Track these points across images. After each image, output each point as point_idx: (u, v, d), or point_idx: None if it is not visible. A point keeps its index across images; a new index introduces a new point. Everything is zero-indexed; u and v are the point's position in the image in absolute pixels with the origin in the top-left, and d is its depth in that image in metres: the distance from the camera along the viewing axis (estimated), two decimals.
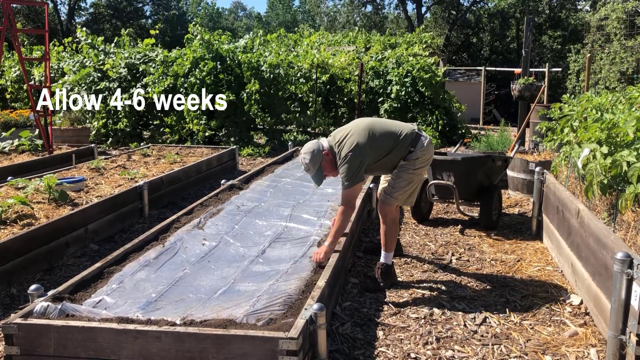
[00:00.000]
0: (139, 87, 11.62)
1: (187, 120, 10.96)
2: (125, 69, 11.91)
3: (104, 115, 11.88)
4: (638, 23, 15.97)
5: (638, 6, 16.14)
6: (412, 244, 4.87)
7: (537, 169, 5.08)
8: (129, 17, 38.40)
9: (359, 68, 11.89)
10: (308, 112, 12.76)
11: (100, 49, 12.61)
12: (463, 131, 12.57)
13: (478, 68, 21.91)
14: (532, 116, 8.21)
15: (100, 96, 11.76)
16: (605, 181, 3.47)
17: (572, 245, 3.87)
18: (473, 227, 5.39)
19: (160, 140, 11.41)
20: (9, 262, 3.85)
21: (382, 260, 3.86)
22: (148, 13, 41.76)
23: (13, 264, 3.88)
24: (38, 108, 8.91)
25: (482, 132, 12.45)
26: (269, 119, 11.61)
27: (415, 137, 3.73)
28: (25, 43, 14.45)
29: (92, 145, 9.08)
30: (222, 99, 10.65)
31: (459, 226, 5.42)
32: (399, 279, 4.01)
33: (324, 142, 3.73)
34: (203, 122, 10.81)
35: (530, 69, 10.16)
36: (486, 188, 5.33)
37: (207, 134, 10.87)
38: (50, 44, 14.34)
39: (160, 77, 11.33)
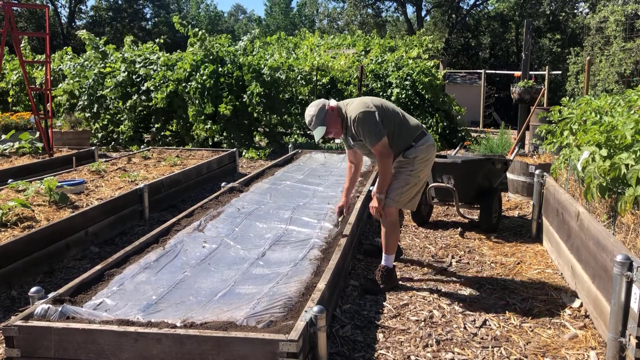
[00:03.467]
0: (140, 92, 11.64)
1: (194, 127, 10.97)
2: (126, 72, 11.93)
3: (104, 118, 11.90)
4: (637, 26, 16.00)
5: (637, 9, 16.17)
6: (412, 247, 4.88)
7: (537, 171, 5.09)
8: (129, 19, 38.47)
9: (359, 71, 11.91)
10: None
11: (101, 50, 12.61)
12: (463, 134, 12.59)
13: (478, 71, 21.95)
14: (532, 119, 8.22)
15: (101, 100, 11.80)
16: (605, 184, 3.47)
17: (572, 248, 3.87)
18: (473, 230, 5.40)
19: (161, 143, 11.43)
20: (10, 265, 3.85)
21: (382, 262, 3.86)
22: (148, 16, 41.86)
23: (13, 266, 3.88)
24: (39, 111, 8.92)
25: (482, 135, 12.45)
26: (270, 121, 11.63)
27: (420, 133, 3.74)
28: (27, 49, 14.44)
29: (93, 147, 9.10)
30: (226, 105, 10.66)
31: (459, 229, 5.43)
32: (399, 281, 4.01)
33: (332, 101, 3.75)
34: (205, 125, 10.82)
35: (530, 72, 10.17)
36: (486, 191, 5.34)
37: (208, 137, 10.88)
38: (58, 52, 14.38)
39: (162, 82, 11.35)
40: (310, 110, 3.66)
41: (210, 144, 10.99)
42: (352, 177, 4.11)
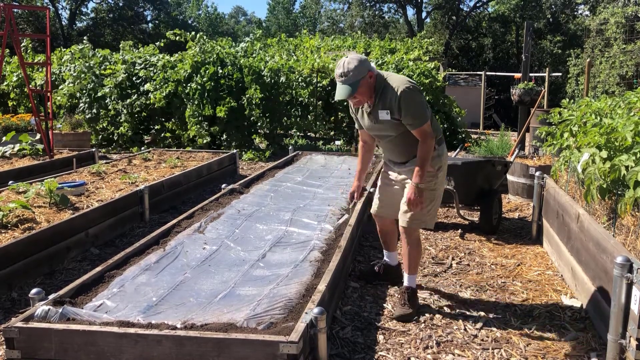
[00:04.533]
0: (140, 94, 11.66)
1: (190, 126, 10.98)
2: (126, 74, 11.95)
3: (105, 120, 11.91)
4: (638, 28, 16.02)
5: (638, 11, 16.19)
6: None
7: (537, 173, 5.09)
8: (130, 22, 38.53)
9: None
10: (309, 117, 12.78)
11: (100, 55, 12.65)
12: (463, 136, 12.59)
13: (478, 73, 21.97)
14: (532, 121, 8.23)
15: (101, 101, 11.81)
16: (605, 185, 3.48)
17: (572, 250, 3.87)
18: (473, 232, 5.40)
19: (161, 145, 11.44)
20: (10, 266, 3.85)
21: (406, 283, 3.57)
22: (149, 18, 41.92)
23: (14, 267, 3.89)
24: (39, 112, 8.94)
25: (483, 137, 12.47)
26: (270, 123, 11.63)
27: (441, 137, 3.44)
28: (29, 50, 14.45)
29: (93, 149, 9.10)
30: (222, 107, 10.68)
31: (459, 230, 5.43)
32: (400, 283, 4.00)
33: (373, 64, 3.37)
34: (204, 127, 10.83)
35: (530, 74, 10.19)
36: (486, 192, 5.34)
37: (208, 139, 10.89)
38: (56, 50, 14.39)
39: (162, 83, 11.37)
40: (350, 64, 3.14)
41: (209, 143, 10.99)
42: (364, 157, 3.72)
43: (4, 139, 9.70)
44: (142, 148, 11.08)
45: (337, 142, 11.30)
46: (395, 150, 3.45)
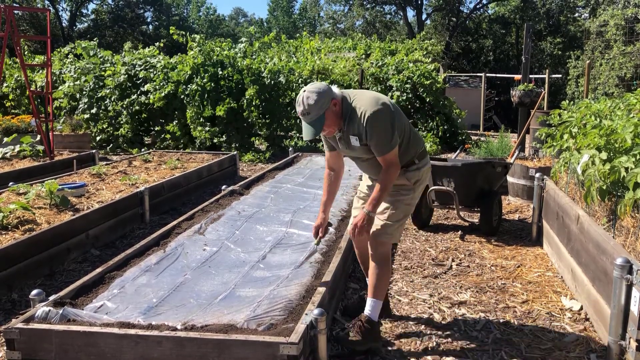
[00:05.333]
0: (139, 94, 11.67)
1: (192, 128, 10.98)
2: (126, 75, 11.96)
3: (105, 121, 11.92)
4: (637, 29, 16.03)
5: (637, 12, 16.21)
6: (412, 250, 4.88)
7: (537, 175, 5.09)
8: (130, 23, 38.57)
9: (359, 74, 11.93)
10: None
11: (100, 56, 12.66)
12: (463, 137, 12.60)
13: (478, 74, 21.98)
14: (532, 122, 8.23)
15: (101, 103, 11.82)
16: (605, 187, 3.48)
17: (572, 251, 3.88)
18: (473, 233, 5.40)
19: (161, 146, 11.45)
20: (11, 267, 3.85)
21: (366, 311, 3.03)
22: (149, 19, 41.94)
23: (14, 269, 3.89)
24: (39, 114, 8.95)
25: (483, 138, 12.48)
26: (270, 125, 11.64)
27: (423, 150, 3.13)
28: (27, 52, 14.48)
29: (93, 151, 9.11)
30: (221, 107, 10.69)
31: (459, 232, 5.43)
32: (399, 284, 4.01)
33: (336, 89, 2.93)
34: (204, 128, 10.84)
35: (530, 76, 10.19)
36: (486, 194, 5.35)
37: (208, 140, 10.90)
38: (55, 51, 14.40)
39: (162, 84, 11.38)
40: (310, 99, 2.81)
41: (209, 145, 10.99)
42: (331, 187, 3.29)
43: (4, 140, 9.71)
44: (143, 149, 11.09)
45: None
46: (371, 170, 3.18)
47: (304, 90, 2.86)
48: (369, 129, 2.85)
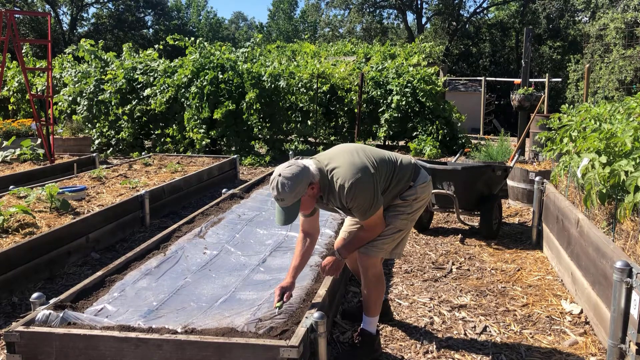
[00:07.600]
0: (140, 99, 11.69)
1: (188, 129, 11.00)
2: (126, 79, 11.98)
3: (105, 124, 11.94)
4: (637, 33, 16.07)
5: (637, 16, 16.25)
6: (412, 254, 4.88)
7: (537, 178, 5.10)
8: (130, 27, 38.64)
9: (359, 78, 11.95)
10: (309, 122, 12.81)
11: (102, 58, 12.69)
12: (463, 141, 12.62)
13: (478, 78, 22.02)
14: (531, 126, 8.24)
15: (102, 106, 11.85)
16: (604, 190, 3.49)
17: (571, 255, 3.88)
18: (473, 237, 5.40)
19: (161, 150, 11.46)
20: (11, 271, 3.86)
21: (363, 325, 3.01)
22: (150, 23, 42.04)
23: (15, 272, 3.89)
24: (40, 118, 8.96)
25: (482, 142, 12.49)
26: (270, 128, 11.66)
27: (415, 169, 3.01)
28: (29, 55, 14.50)
29: (94, 154, 9.12)
30: (219, 110, 10.71)
31: (459, 235, 5.43)
32: (400, 288, 4.01)
33: (312, 166, 2.72)
34: (204, 131, 10.85)
35: (530, 79, 10.22)
36: (486, 197, 5.35)
37: (207, 143, 10.91)
38: (57, 57, 14.45)
39: (162, 88, 11.40)
40: (285, 186, 2.59)
41: (208, 148, 11.00)
42: (305, 252, 3.03)
43: (5, 143, 9.72)
44: (143, 153, 11.10)
45: None
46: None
47: (279, 174, 2.62)
48: (349, 200, 2.70)
